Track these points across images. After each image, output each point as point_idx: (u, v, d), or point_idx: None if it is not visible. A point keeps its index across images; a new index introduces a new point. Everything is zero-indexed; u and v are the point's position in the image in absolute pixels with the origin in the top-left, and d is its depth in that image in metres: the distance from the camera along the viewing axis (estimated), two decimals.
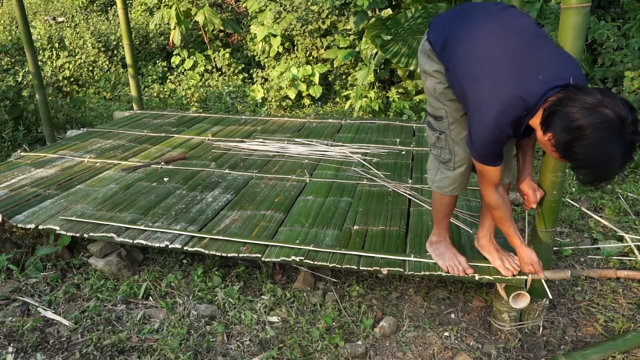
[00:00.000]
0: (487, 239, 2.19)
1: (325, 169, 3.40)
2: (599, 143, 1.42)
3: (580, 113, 1.43)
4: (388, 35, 4.84)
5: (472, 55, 1.71)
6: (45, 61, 6.45)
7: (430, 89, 1.93)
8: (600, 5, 5.34)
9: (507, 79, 1.62)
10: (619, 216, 3.19)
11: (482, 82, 1.66)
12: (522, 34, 1.69)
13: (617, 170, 1.47)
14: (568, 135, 1.46)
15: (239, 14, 8.31)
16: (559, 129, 1.48)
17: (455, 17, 1.86)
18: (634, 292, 2.53)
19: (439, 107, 1.93)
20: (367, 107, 5.49)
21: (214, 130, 4.35)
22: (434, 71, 1.89)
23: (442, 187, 2.08)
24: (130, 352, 2.15)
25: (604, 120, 1.41)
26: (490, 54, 1.68)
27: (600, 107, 1.42)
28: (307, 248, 2.37)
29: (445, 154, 2.00)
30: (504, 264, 2.13)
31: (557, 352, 2.16)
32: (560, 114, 1.47)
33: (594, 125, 1.41)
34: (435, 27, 1.89)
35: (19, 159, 3.63)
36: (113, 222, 2.62)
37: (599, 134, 1.41)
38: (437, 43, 1.84)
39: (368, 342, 2.22)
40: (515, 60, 1.63)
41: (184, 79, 6.77)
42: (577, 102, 1.45)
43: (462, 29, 1.78)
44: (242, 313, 2.37)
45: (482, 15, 1.78)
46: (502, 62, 1.65)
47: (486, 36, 1.71)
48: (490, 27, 1.73)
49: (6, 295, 2.49)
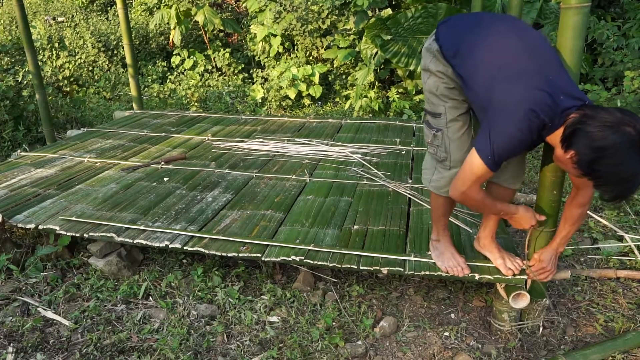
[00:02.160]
0: (489, 239, 2.19)
1: (325, 169, 3.40)
2: (622, 161, 1.45)
3: (603, 132, 1.46)
4: (388, 35, 4.84)
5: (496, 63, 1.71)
6: (45, 61, 6.45)
7: (432, 87, 1.94)
8: (600, 5, 5.34)
9: (536, 88, 1.62)
10: (619, 216, 3.20)
11: (511, 89, 1.65)
12: (542, 51, 1.71)
13: (639, 186, 1.49)
14: (592, 154, 1.48)
15: (239, 13, 8.31)
16: (582, 147, 1.51)
17: (469, 24, 1.87)
18: (634, 292, 2.53)
19: (439, 104, 1.94)
20: (367, 107, 5.50)
21: (214, 130, 4.35)
22: (437, 71, 1.90)
23: (439, 187, 2.08)
24: (130, 352, 2.15)
25: (627, 139, 1.44)
26: (515, 65, 1.68)
27: (622, 125, 1.45)
28: (307, 248, 2.37)
29: (441, 153, 2.00)
30: (505, 263, 2.13)
31: (557, 352, 2.16)
32: (583, 132, 1.50)
33: (617, 144, 1.44)
34: (448, 32, 1.90)
35: (19, 158, 3.63)
36: (113, 222, 2.62)
37: (623, 152, 1.44)
38: (449, 48, 1.84)
39: (368, 342, 2.22)
40: (541, 74, 1.64)
41: (184, 79, 6.77)
42: (598, 120, 1.48)
43: (478, 38, 1.78)
44: (242, 313, 2.37)
45: (501, 26, 1.80)
46: (527, 73, 1.66)
47: (506, 48, 1.73)
48: (507, 38, 1.75)
49: (6, 295, 2.49)
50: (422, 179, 2.18)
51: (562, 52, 1.80)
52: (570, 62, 1.79)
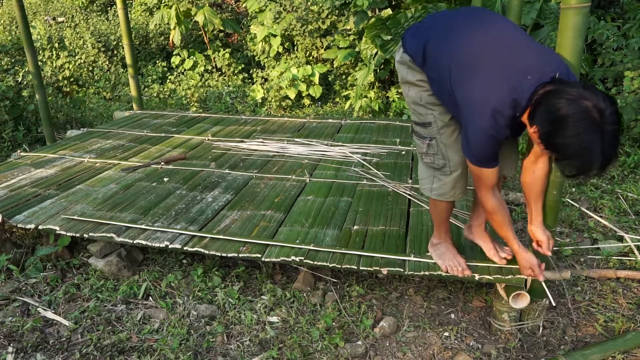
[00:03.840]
0: (481, 227, 2.23)
1: (325, 169, 3.40)
2: (577, 133, 1.46)
3: (562, 104, 1.48)
4: (388, 35, 4.84)
5: (456, 61, 1.72)
6: (45, 61, 6.45)
7: (416, 97, 1.93)
8: (600, 5, 5.34)
9: (497, 83, 1.64)
10: (619, 216, 3.19)
11: (472, 88, 1.68)
12: (503, 36, 1.72)
13: (598, 162, 1.49)
14: (550, 126, 1.52)
15: (239, 14, 8.31)
16: (542, 120, 1.54)
17: (432, 26, 1.87)
18: (634, 292, 2.53)
19: (426, 114, 1.93)
20: (367, 107, 5.49)
21: (214, 130, 4.35)
22: (417, 80, 1.90)
23: (442, 194, 2.06)
24: (130, 352, 2.15)
25: (582, 110, 1.45)
26: (475, 59, 1.70)
27: (580, 99, 1.46)
28: (307, 248, 2.37)
29: (438, 160, 1.99)
30: (498, 254, 2.18)
31: (557, 352, 2.16)
32: (544, 106, 1.53)
33: (573, 115, 1.46)
34: (411, 39, 1.90)
35: (19, 159, 3.63)
36: (113, 222, 2.62)
37: (579, 122, 1.46)
38: (417, 55, 1.85)
39: (368, 342, 2.22)
40: (501, 63, 1.66)
41: (183, 79, 6.77)
42: (561, 94, 1.50)
43: (441, 38, 1.79)
44: (242, 313, 2.37)
45: (460, 22, 1.81)
46: (488, 66, 1.67)
47: (467, 41, 1.73)
48: (470, 32, 1.75)
49: (6, 295, 2.49)
50: (422, 189, 2.15)
51: (562, 52, 1.80)
52: (570, 62, 1.79)
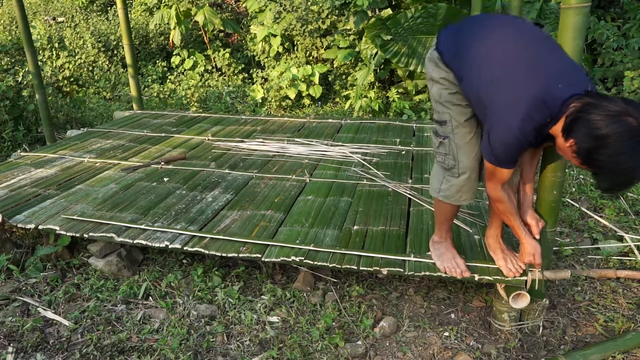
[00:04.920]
0: (494, 238, 2.19)
1: (325, 169, 3.40)
2: (622, 152, 1.43)
3: (604, 121, 1.43)
4: (388, 35, 4.84)
5: (488, 61, 1.72)
6: (45, 61, 6.45)
7: (436, 95, 1.94)
8: (600, 5, 5.35)
9: (529, 85, 1.61)
10: (619, 216, 3.19)
11: (504, 88, 1.66)
12: (536, 42, 1.70)
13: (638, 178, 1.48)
14: (591, 142, 1.47)
15: (239, 14, 8.31)
16: (582, 135, 1.49)
17: (466, 27, 1.88)
18: (634, 292, 2.53)
19: (443, 112, 1.94)
20: (367, 107, 5.49)
21: (214, 130, 4.35)
22: (440, 78, 1.91)
23: (449, 196, 2.06)
24: (130, 352, 2.15)
25: (629, 130, 1.41)
26: (508, 60, 1.69)
27: (625, 116, 1.42)
28: (307, 248, 2.37)
29: (449, 160, 1.99)
30: (507, 264, 2.13)
31: (557, 352, 2.16)
32: (584, 120, 1.48)
33: (618, 133, 1.42)
34: (445, 38, 1.91)
35: (19, 159, 3.63)
36: (113, 222, 2.62)
37: (623, 142, 1.42)
38: (448, 53, 1.86)
39: (368, 342, 2.22)
40: (534, 67, 1.64)
41: (184, 79, 6.77)
42: (601, 109, 1.45)
43: (474, 38, 1.80)
44: (242, 313, 2.37)
45: (493, 24, 1.81)
46: (521, 69, 1.65)
47: (500, 44, 1.73)
48: (503, 34, 1.75)
49: (6, 295, 2.49)
50: (430, 190, 2.15)
51: None
52: None
